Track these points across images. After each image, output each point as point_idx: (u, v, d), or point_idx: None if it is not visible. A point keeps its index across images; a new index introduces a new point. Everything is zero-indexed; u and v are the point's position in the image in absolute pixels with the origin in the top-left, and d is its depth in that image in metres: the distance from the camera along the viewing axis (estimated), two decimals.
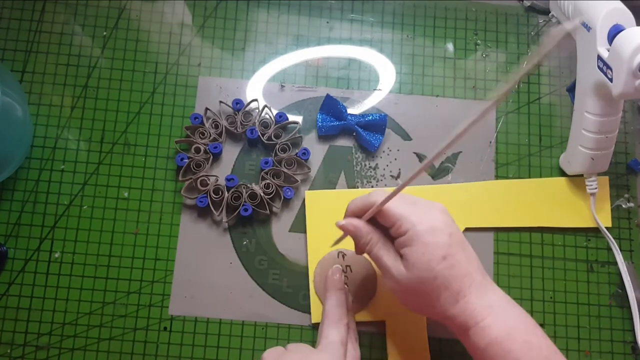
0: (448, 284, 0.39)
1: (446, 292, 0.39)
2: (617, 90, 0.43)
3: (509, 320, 0.39)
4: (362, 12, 0.57)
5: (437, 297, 0.39)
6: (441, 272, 0.38)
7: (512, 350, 0.37)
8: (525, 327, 0.39)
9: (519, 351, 0.37)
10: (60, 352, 0.49)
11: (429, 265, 0.38)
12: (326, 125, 0.53)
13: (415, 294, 0.40)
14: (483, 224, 0.53)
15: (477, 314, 0.38)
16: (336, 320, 0.43)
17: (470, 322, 0.38)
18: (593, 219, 0.53)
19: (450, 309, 0.39)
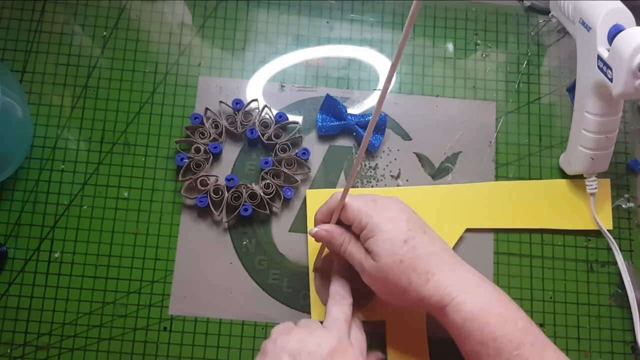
0: (415, 266, 0.40)
1: (414, 274, 0.40)
2: (617, 90, 0.43)
3: (482, 295, 0.40)
4: (362, 12, 0.57)
5: (408, 280, 0.40)
6: (405, 254, 0.40)
7: (489, 323, 0.38)
8: (500, 301, 0.40)
9: (494, 324, 0.38)
10: (60, 352, 0.49)
11: (392, 250, 0.40)
12: (326, 125, 0.53)
13: (388, 282, 0.41)
14: (483, 225, 0.52)
15: (451, 291, 0.40)
16: (339, 299, 0.44)
17: (445, 299, 0.40)
18: (594, 221, 0.53)
19: (422, 290, 0.40)
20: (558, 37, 0.58)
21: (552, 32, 0.58)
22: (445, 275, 0.40)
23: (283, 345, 0.39)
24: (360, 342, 0.43)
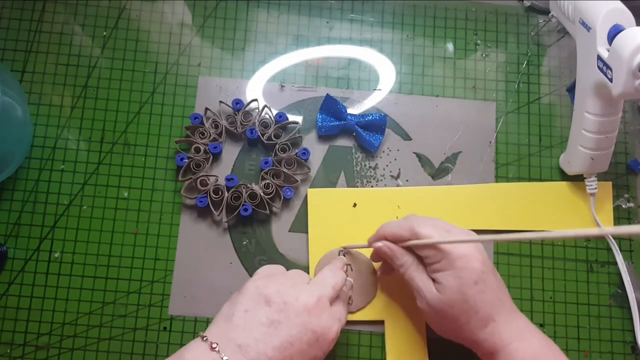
0: (478, 309, 0.40)
1: (476, 317, 0.40)
2: (617, 90, 0.43)
3: (535, 344, 0.40)
4: (362, 12, 0.57)
5: (467, 320, 0.41)
6: (472, 296, 0.40)
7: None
8: (551, 352, 0.41)
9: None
10: (60, 352, 0.49)
11: (461, 289, 0.40)
12: (326, 125, 0.53)
13: (445, 316, 0.41)
14: (484, 226, 0.52)
15: (505, 338, 0.40)
16: (337, 269, 0.44)
17: (497, 345, 0.40)
18: (594, 223, 0.53)
19: (478, 332, 0.41)
20: (558, 37, 0.58)
21: (552, 32, 0.58)
22: (503, 323, 0.41)
23: (261, 288, 0.40)
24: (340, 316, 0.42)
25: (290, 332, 0.38)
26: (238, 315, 0.38)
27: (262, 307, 0.39)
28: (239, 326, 0.38)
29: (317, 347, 0.39)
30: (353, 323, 0.50)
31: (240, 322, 0.38)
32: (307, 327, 0.38)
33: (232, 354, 0.36)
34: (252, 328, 0.38)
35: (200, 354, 0.37)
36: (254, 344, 0.37)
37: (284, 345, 0.37)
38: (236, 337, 0.37)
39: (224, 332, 0.38)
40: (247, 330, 0.38)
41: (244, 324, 0.38)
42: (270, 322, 0.38)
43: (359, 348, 0.50)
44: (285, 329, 0.38)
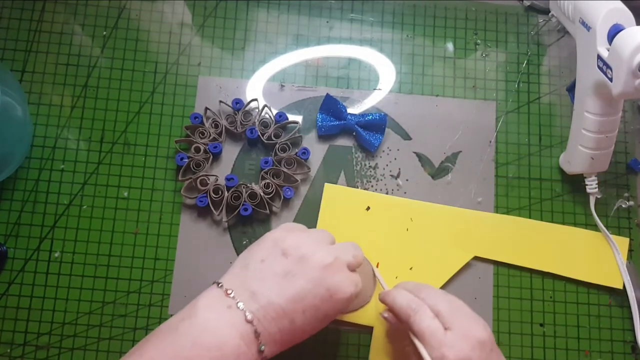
0: None
1: None
2: (617, 90, 0.43)
3: None
4: (362, 12, 0.57)
5: None
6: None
7: None
8: None
9: None
10: (60, 352, 0.49)
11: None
12: (326, 125, 0.53)
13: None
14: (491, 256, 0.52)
15: None
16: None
17: None
18: (614, 277, 0.52)
19: None
20: (558, 37, 0.58)
21: (552, 32, 0.58)
22: None
23: (279, 240, 0.40)
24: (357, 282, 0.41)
25: (304, 285, 0.38)
26: (254, 265, 0.39)
27: (278, 258, 0.39)
28: (254, 275, 0.39)
29: (329, 305, 0.39)
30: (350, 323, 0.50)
31: (256, 271, 0.39)
32: (321, 284, 0.38)
33: (246, 300, 0.37)
34: (267, 277, 0.38)
35: (215, 300, 0.37)
36: (268, 293, 0.37)
37: (296, 298, 0.38)
38: (251, 285, 0.38)
39: (239, 279, 0.39)
40: (262, 280, 0.38)
41: (259, 273, 0.39)
42: (285, 274, 0.38)
43: (359, 348, 0.50)
44: (299, 282, 0.38)
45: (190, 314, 0.37)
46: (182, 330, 0.36)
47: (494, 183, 0.54)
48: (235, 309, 0.37)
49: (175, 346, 0.35)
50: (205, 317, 0.36)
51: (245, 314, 0.36)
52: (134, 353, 0.36)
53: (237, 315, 0.36)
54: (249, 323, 0.36)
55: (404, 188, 0.53)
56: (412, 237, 0.52)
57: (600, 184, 0.53)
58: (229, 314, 0.37)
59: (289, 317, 0.38)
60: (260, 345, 0.37)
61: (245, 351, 0.36)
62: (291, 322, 0.38)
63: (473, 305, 0.50)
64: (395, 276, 0.51)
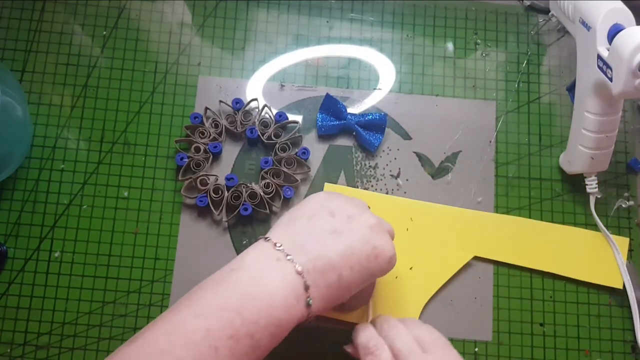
0: None
1: None
2: (617, 90, 0.43)
3: None
4: (362, 12, 0.57)
5: None
6: None
7: None
8: None
9: None
10: (60, 352, 0.49)
11: None
12: (326, 125, 0.53)
13: None
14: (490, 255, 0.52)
15: None
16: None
17: None
18: (614, 276, 0.52)
19: None
20: (558, 37, 0.58)
21: (552, 32, 0.58)
22: None
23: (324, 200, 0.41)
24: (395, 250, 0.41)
25: (353, 242, 0.38)
26: (302, 221, 0.39)
27: (326, 216, 0.39)
28: (303, 230, 0.39)
29: (375, 264, 0.39)
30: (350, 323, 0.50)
31: (304, 227, 0.39)
32: (368, 242, 0.39)
33: (295, 253, 0.37)
34: (316, 233, 0.38)
35: (264, 253, 0.37)
36: (317, 246, 0.38)
37: (346, 252, 0.38)
38: (299, 239, 0.38)
39: (287, 234, 0.39)
40: (311, 234, 0.38)
41: (307, 229, 0.39)
42: (334, 230, 0.39)
43: None
44: (348, 239, 0.38)
45: (239, 266, 0.37)
46: (232, 281, 0.36)
47: (494, 183, 0.54)
48: (284, 261, 0.37)
49: (225, 296, 0.35)
50: (255, 269, 0.36)
51: (295, 266, 0.36)
52: (182, 303, 0.35)
53: (287, 267, 0.36)
54: (299, 275, 0.36)
55: (404, 188, 0.53)
56: (412, 237, 0.52)
57: (600, 184, 0.53)
58: (278, 265, 0.36)
59: (337, 271, 0.37)
60: (308, 299, 0.37)
61: (293, 304, 0.36)
62: (339, 278, 0.38)
63: (473, 305, 0.51)
64: (395, 276, 0.51)
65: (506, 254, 0.52)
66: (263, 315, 0.35)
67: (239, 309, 0.34)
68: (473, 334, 0.51)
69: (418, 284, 0.51)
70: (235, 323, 0.34)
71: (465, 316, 0.51)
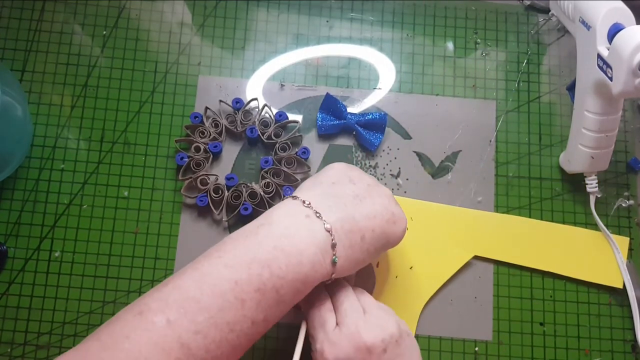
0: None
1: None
2: (617, 89, 0.43)
3: None
4: (362, 11, 0.57)
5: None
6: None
7: None
8: None
9: None
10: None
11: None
12: (326, 124, 0.53)
13: None
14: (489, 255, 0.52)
15: None
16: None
17: None
18: (614, 276, 0.52)
19: None
20: (558, 36, 0.58)
21: (552, 31, 0.58)
22: None
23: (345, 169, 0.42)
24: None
25: (374, 206, 0.40)
26: (326, 185, 0.41)
27: (347, 183, 0.41)
28: (328, 192, 0.40)
29: (393, 230, 0.41)
30: None
31: (329, 190, 0.40)
32: (387, 208, 0.41)
33: (324, 210, 0.38)
34: (340, 196, 0.40)
35: (293, 209, 0.38)
36: (343, 207, 0.39)
37: (369, 215, 0.39)
38: (326, 200, 0.39)
39: (314, 195, 0.40)
40: (336, 197, 0.40)
41: (332, 191, 0.40)
42: (356, 195, 0.40)
43: None
44: (370, 203, 0.40)
45: (268, 221, 0.37)
46: (262, 234, 0.36)
47: (494, 182, 0.54)
48: (314, 217, 0.38)
49: (256, 248, 0.36)
50: (285, 224, 0.37)
51: (324, 224, 0.37)
52: (212, 255, 0.36)
53: (317, 223, 0.37)
54: (327, 232, 0.37)
55: (404, 187, 0.53)
56: (412, 236, 0.52)
57: (601, 183, 0.53)
58: (308, 222, 0.37)
59: (361, 232, 0.39)
60: (334, 257, 0.37)
61: (320, 260, 0.37)
62: (362, 239, 0.39)
63: (473, 304, 0.51)
64: (395, 275, 0.51)
65: (506, 253, 0.52)
66: (291, 270, 0.35)
67: (268, 263, 0.35)
68: (473, 333, 0.51)
69: (418, 283, 0.51)
70: (263, 277, 0.35)
71: (466, 316, 0.51)
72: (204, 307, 0.33)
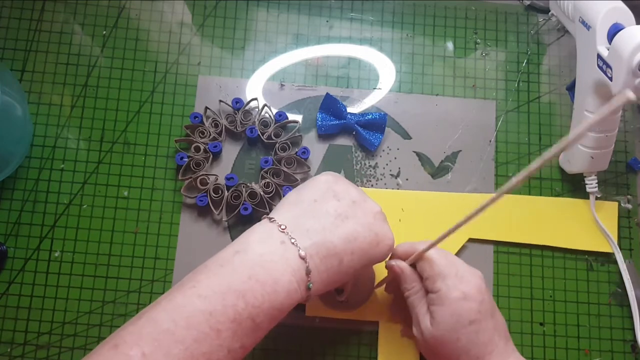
0: (469, 349, 0.40)
1: (465, 356, 0.40)
2: (617, 89, 0.43)
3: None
4: (362, 11, 0.57)
5: (457, 358, 0.40)
6: (466, 335, 0.39)
7: None
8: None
9: None
10: (60, 351, 0.49)
11: (455, 327, 0.39)
12: (326, 124, 0.53)
13: (436, 350, 0.41)
14: (487, 236, 0.52)
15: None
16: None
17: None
18: (599, 241, 0.52)
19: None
20: (558, 36, 0.58)
21: (552, 31, 0.58)
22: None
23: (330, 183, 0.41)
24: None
25: (356, 227, 0.39)
26: (307, 203, 0.39)
27: (330, 200, 0.40)
28: (307, 213, 0.39)
29: (376, 251, 0.39)
30: (350, 322, 0.50)
31: (309, 210, 0.39)
32: (371, 228, 0.39)
33: (300, 236, 0.37)
34: (320, 216, 0.39)
35: (268, 234, 0.37)
36: (321, 230, 0.38)
37: (349, 238, 0.38)
38: (304, 222, 0.38)
39: (292, 216, 0.39)
40: (315, 218, 0.38)
41: (312, 212, 0.39)
42: (338, 215, 0.39)
43: (359, 347, 0.50)
44: (351, 223, 0.39)
45: (243, 248, 0.37)
46: (237, 263, 0.36)
47: (494, 182, 0.54)
48: (289, 244, 0.37)
49: (230, 278, 0.35)
50: (259, 252, 0.36)
51: (299, 250, 0.37)
52: (185, 285, 0.36)
53: (291, 251, 0.37)
54: (302, 259, 0.36)
55: (404, 187, 0.53)
56: (405, 227, 0.52)
57: (600, 183, 0.53)
58: (283, 249, 0.37)
59: (339, 256, 0.38)
60: (308, 283, 0.37)
61: (295, 288, 0.36)
62: (339, 262, 0.38)
63: None
64: None
65: (501, 232, 0.52)
66: (266, 299, 0.35)
67: (243, 294, 0.35)
68: None
69: None
70: (239, 307, 0.34)
71: None
72: (179, 340, 0.32)
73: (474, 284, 0.41)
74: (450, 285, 0.40)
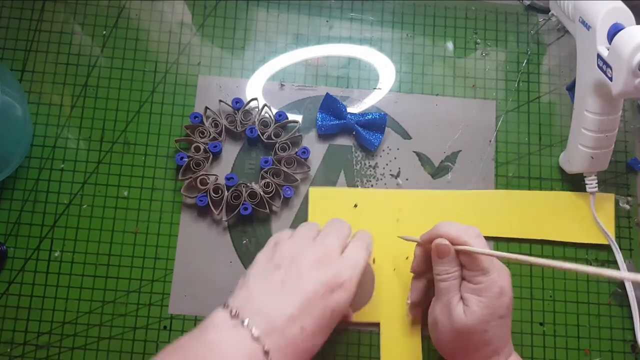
0: (491, 341, 0.42)
1: (486, 348, 0.42)
2: (616, 89, 0.43)
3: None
4: (362, 11, 0.57)
5: (477, 348, 0.42)
6: (492, 328, 0.41)
7: None
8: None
9: None
10: (60, 351, 0.49)
11: (487, 318, 0.41)
12: (326, 124, 0.53)
13: (459, 337, 0.42)
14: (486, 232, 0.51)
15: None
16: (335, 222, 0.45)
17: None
18: (597, 234, 0.52)
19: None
20: (558, 36, 0.58)
21: (552, 31, 0.58)
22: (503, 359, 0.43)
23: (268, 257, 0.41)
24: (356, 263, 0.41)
25: (304, 287, 0.38)
26: (253, 282, 0.39)
27: (273, 272, 0.40)
28: (255, 293, 0.39)
29: (335, 297, 0.39)
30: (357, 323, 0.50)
31: (256, 289, 0.39)
32: (319, 280, 0.39)
33: (252, 317, 0.37)
34: (268, 291, 0.38)
35: (221, 321, 0.37)
36: (273, 306, 0.38)
37: (302, 302, 0.38)
38: (256, 301, 0.38)
39: (245, 297, 0.39)
40: (264, 295, 0.38)
41: (259, 290, 0.39)
42: (283, 283, 0.39)
43: (359, 347, 0.50)
44: (299, 286, 0.38)
45: (198, 335, 0.37)
46: (190, 350, 0.36)
47: (494, 182, 0.54)
48: (240, 327, 0.36)
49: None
50: (212, 339, 0.36)
51: (251, 332, 0.36)
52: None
53: (244, 334, 0.36)
54: (255, 341, 0.36)
55: (404, 187, 0.53)
56: (403, 226, 0.52)
57: (600, 183, 0.53)
58: (236, 333, 0.36)
59: (298, 324, 0.37)
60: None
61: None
62: (302, 330, 0.37)
63: None
64: (393, 268, 0.51)
65: (497, 228, 0.52)
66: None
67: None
68: None
69: None
70: None
71: None
72: None
73: (507, 281, 0.42)
74: (492, 280, 0.41)
